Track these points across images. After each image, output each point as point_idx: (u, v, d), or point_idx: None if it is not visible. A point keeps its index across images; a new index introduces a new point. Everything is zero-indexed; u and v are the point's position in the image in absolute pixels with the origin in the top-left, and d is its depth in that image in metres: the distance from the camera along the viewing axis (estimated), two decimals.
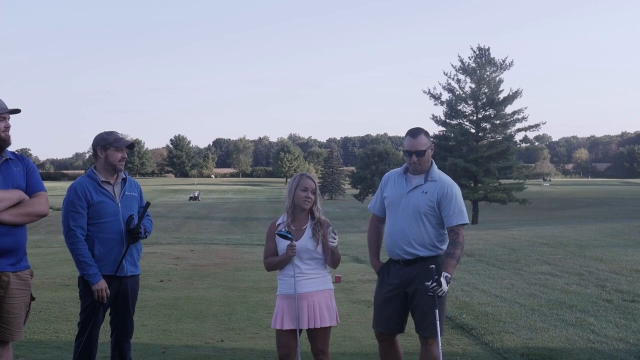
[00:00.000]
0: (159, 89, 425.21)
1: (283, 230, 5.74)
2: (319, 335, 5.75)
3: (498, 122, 65.31)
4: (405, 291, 5.80)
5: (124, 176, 6.08)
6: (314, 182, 5.87)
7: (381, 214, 6.16)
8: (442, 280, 5.48)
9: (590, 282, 12.85)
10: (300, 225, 5.84)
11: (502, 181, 66.41)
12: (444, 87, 66.50)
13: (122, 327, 6.06)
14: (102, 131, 6.05)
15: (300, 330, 5.69)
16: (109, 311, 6.04)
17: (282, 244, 5.77)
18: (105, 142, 5.93)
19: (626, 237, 22.58)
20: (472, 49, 65.90)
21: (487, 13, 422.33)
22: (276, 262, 5.86)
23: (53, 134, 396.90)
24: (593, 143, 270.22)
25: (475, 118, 66.11)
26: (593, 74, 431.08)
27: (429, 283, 5.51)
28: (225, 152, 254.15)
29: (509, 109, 65.22)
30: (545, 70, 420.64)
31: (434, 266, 5.61)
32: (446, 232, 5.88)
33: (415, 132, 5.86)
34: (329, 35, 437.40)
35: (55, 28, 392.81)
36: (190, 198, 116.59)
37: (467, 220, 5.84)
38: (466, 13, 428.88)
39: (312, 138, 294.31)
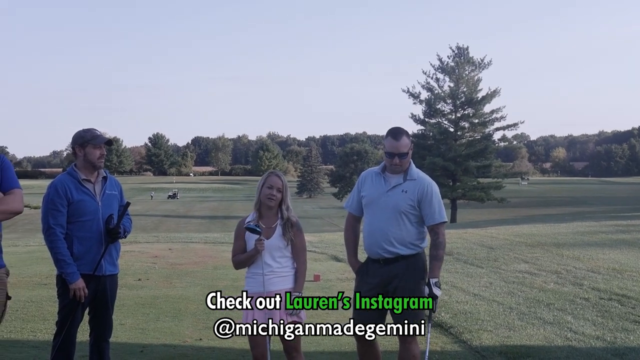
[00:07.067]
0: (138, 86, 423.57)
1: (252, 224, 5.66)
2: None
3: (476, 121, 65.69)
4: (386, 289, 5.80)
5: (105, 174, 6.04)
6: (282, 181, 5.81)
7: (358, 213, 6.15)
8: (434, 287, 5.54)
9: (567, 280, 12.92)
10: (270, 223, 5.78)
11: (481, 180, 66.84)
12: (423, 86, 66.77)
13: (100, 327, 6.03)
14: (81, 129, 5.98)
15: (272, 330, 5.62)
16: (87, 310, 6.00)
17: (252, 240, 5.70)
18: (83, 140, 5.87)
19: (603, 235, 22.70)
20: (451, 48, 66.32)
21: (467, 12, 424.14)
22: (244, 258, 5.78)
23: (31, 132, 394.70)
24: (571, 142, 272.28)
25: (453, 117, 66.43)
26: (571, 74, 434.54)
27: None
28: (204, 151, 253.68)
29: (487, 108, 65.72)
30: (524, 70, 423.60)
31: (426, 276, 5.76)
32: (425, 229, 5.90)
33: (397, 134, 5.79)
34: (310, 34, 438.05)
35: (30, 25, 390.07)
36: (169, 196, 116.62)
37: (446, 219, 5.90)
38: (446, 12, 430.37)
39: (291, 136, 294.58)
